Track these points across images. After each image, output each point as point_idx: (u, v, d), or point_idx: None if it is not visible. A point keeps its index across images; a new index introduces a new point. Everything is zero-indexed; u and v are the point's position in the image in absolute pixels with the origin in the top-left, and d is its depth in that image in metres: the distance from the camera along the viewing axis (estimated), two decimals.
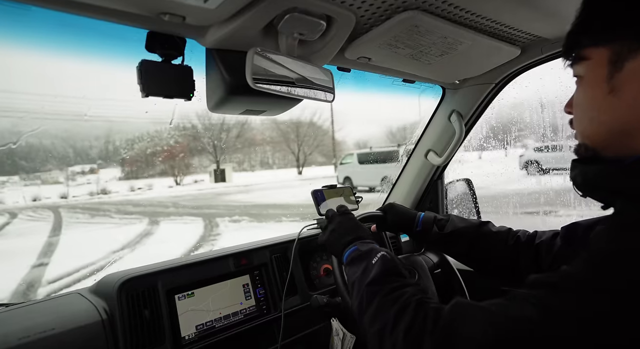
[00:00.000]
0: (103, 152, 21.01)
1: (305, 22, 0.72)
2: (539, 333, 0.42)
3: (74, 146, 19.53)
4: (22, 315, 0.79)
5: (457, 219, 1.00)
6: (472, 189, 1.63)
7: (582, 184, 0.55)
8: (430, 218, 1.02)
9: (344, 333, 0.96)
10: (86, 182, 17.59)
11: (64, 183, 17.33)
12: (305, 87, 0.80)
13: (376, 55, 0.97)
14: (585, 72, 0.53)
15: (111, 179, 19.59)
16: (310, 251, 1.25)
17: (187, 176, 21.50)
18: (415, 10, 0.77)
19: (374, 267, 0.69)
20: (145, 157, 20.09)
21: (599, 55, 0.50)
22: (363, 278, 0.68)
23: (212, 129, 22.19)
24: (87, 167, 18.71)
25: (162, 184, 19.33)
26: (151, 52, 0.73)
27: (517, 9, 0.82)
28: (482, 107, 1.38)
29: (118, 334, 0.81)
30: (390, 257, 0.71)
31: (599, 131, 0.52)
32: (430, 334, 0.50)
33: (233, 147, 25.97)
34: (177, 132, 17.31)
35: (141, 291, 0.87)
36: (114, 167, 20.16)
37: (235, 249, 1.09)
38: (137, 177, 20.73)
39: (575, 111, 0.56)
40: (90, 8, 0.61)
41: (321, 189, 1.35)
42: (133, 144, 19.35)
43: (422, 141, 1.51)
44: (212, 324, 0.96)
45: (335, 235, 0.88)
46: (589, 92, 0.53)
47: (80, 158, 19.27)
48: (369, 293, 0.64)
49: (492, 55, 1.06)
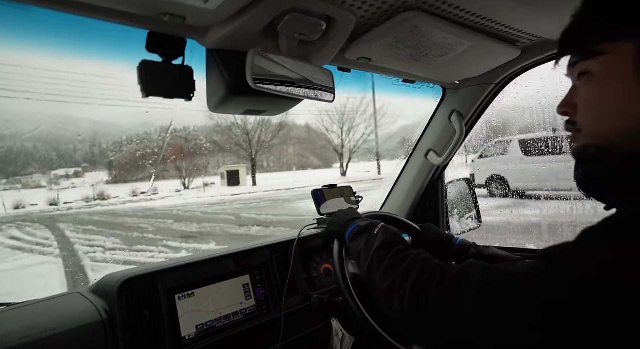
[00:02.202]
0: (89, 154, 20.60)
1: (306, 23, 0.72)
2: (531, 288, 0.46)
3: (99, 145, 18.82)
4: (22, 315, 0.79)
5: (496, 249, 1.01)
6: (473, 189, 1.63)
7: (584, 183, 0.54)
8: (468, 243, 1.04)
9: (344, 334, 0.96)
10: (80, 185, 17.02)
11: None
12: (306, 88, 0.81)
13: (376, 55, 0.97)
14: (599, 68, 0.51)
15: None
16: (311, 251, 1.25)
17: (194, 179, 20.23)
18: (416, 10, 0.77)
19: (377, 236, 0.76)
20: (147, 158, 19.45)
21: (619, 49, 0.48)
22: (368, 247, 0.75)
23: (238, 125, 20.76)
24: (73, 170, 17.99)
25: (169, 188, 18.26)
26: (152, 53, 0.73)
27: (517, 9, 0.82)
28: (483, 108, 1.38)
29: (118, 334, 0.81)
30: (390, 227, 0.79)
31: (619, 128, 0.50)
32: (436, 285, 0.56)
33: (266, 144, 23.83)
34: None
35: (141, 290, 0.87)
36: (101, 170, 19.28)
37: (236, 249, 1.09)
38: (135, 180, 19.75)
39: (587, 110, 0.54)
40: (91, 8, 0.61)
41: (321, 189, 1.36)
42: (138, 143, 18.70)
43: (422, 140, 1.51)
44: (212, 324, 0.96)
45: (336, 220, 0.97)
46: (608, 88, 0.51)
47: (65, 161, 18.74)
48: (378, 257, 0.70)
49: (492, 56, 1.06)
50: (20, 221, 11.46)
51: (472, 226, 1.60)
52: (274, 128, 24.28)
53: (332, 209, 1.33)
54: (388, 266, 0.66)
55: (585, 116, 0.54)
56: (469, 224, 1.61)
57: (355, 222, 0.89)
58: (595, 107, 0.53)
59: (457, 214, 1.64)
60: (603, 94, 0.52)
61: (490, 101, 1.36)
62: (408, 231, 1.13)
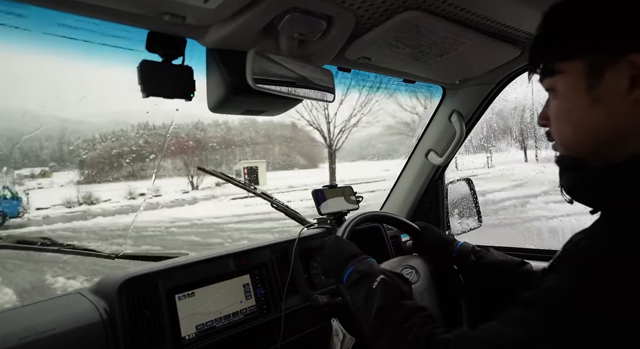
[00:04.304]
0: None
1: (306, 22, 0.72)
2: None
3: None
4: (22, 315, 0.79)
5: (497, 253, 0.99)
6: (473, 189, 1.63)
7: (570, 190, 0.56)
8: (468, 248, 1.01)
9: (344, 334, 0.96)
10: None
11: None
12: (306, 87, 0.80)
13: (376, 55, 0.97)
14: (559, 85, 0.53)
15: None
16: (311, 251, 1.25)
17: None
18: (416, 10, 0.77)
19: (376, 295, 0.70)
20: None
21: (574, 68, 0.51)
22: (368, 307, 0.70)
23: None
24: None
25: (173, 188, 15.62)
26: (152, 52, 0.73)
27: (517, 8, 0.82)
28: (483, 108, 1.38)
29: (118, 334, 0.81)
30: (390, 280, 0.72)
31: (582, 141, 0.53)
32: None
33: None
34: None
35: (141, 291, 0.87)
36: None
37: (236, 248, 1.09)
38: (114, 179, 17.57)
39: (555, 124, 0.56)
40: (91, 8, 0.61)
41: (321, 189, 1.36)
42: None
43: (422, 140, 1.51)
44: (212, 324, 0.96)
45: (330, 260, 0.88)
46: (567, 104, 0.53)
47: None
48: (377, 325, 0.67)
49: (493, 56, 1.06)
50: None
51: (473, 226, 1.60)
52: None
53: (332, 209, 1.32)
54: (390, 340, 0.64)
55: (555, 129, 0.57)
56: (469, 224, 1.61)
57: (351, 265, 0.81)
58: (559, 122, 0.55)
59: (458, 214, 1.64)
60: (564, 109, 0.54)
61: (491, 101, 1.36)
62: (408, 231, 1.12)
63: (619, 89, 0.47)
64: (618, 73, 0.47)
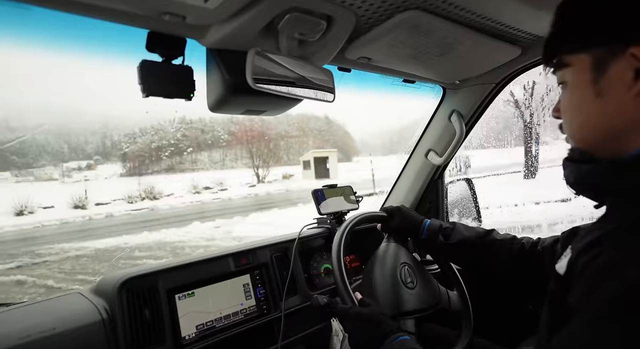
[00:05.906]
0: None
1: (306, 22, 0.72)
2: None
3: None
4: (22, 315, 0.79)
5: (463, 228, 1.00)
6: (473, 189, 1.63)
7: (575, 183, 0.56)
8: (435, 227, 1.02)
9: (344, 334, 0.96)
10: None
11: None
12: (306, 87, 0.80)
13: (376, 55, 0.97)
14: (568, 78, 0.54)
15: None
16: (311, 251, 1.25)
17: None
18: (416, 10, 0.76)
19: None
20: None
21: (581, 61, 0.51)
22: None
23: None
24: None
25: (238, 181, 13.73)
26: (152, 52, 0.73)
27: (518, 8, 0.82)
28: (483, 107, 1.37)
29: (118, 334, 0.81)
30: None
31: (589, 134, 0.53)
32: None
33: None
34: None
35: (141, 290, 0.87)
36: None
37: (236, 248, 1.09)
38: (154, 172, 15.81)
39: (564, 116, 0.57)
40: (91, 8, 0.61)
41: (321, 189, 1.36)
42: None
43: (422, 140, 1.51)
44: (212, 324, 0.96)
45: (361, 343, 0.80)
46: (575, 97, 0.54)
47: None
48: None
49: (493, 55, 1.06)
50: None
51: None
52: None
53: (332, 209, 1.32)
54: None
55: (564, 121, 0.57)
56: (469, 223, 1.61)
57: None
58: (568, 114, 0.56)
59: (458, 213, 1.64)
60: (572, 102, 0.55)
61: (491, 101, 1.36)
62: (377, 221, 1.11)
63: (623, 82, 0.47)
64: (621, 66, 0.47)
